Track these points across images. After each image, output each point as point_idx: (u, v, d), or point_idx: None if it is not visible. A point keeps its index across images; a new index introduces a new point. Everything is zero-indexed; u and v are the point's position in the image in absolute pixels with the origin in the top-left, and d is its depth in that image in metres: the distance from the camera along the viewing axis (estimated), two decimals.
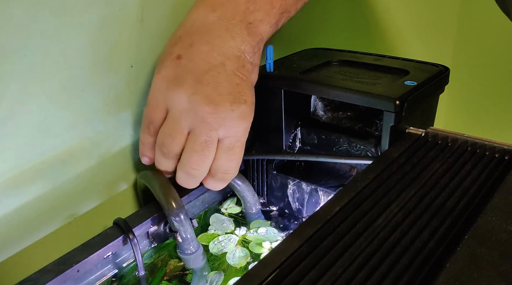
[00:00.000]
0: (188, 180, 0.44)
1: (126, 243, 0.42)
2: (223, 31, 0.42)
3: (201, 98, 0.40)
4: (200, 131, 0.41)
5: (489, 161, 0.41)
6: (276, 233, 0.50)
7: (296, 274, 0.29)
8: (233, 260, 0.47)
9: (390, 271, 0.29)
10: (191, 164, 0.42)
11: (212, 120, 0.40)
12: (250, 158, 0.55)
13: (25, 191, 0.42)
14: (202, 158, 0.42)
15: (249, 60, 0.43)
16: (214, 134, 0.41)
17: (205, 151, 0.41)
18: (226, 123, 0.41)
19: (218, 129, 0.41)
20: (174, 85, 0.41)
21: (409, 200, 0.36)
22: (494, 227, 0.32)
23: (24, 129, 0.40)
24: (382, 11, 0.91)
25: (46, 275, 0.37)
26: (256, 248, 0.48)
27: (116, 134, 0.48)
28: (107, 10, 0.43)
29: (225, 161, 0.43)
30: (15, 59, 0.38)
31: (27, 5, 0.37)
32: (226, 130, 0.41)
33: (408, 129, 0.46)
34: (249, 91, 0.43)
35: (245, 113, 0.42)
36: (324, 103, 0.56)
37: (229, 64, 0.41)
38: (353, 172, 0.54)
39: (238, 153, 0.43)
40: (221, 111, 0.40)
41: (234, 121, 0.41)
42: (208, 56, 0.41)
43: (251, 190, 0.52)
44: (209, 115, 0.40)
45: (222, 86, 0.41)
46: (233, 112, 0.41)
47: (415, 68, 0.51)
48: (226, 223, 0.52)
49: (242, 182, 0.51)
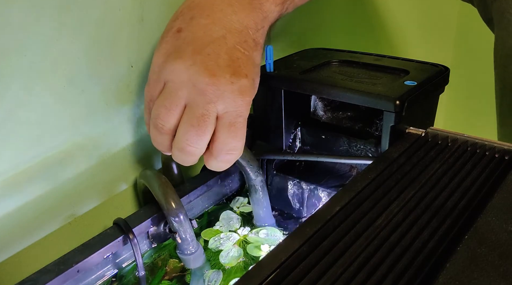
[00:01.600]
0: (184, 157, 0.40)
1: (126, 243, 0.42)
2: (225, 6, 0.41)
3: (200, 69, 0.38)
4: (197, 104, 0.38)
5: (489, 161, 0.41)
6: (278, 236, 0.50)
7: (296, 274, 0.29)
8: (225, 258, 0.47)
9: (390, 271, 0.29)
10: (187, 139, 0.39)
11: (210, 92, 0.38)
12: None
13: (25, 191, 0.42)
14: (199, 133, 0.39)
15: (251, 36, 0.41)
16: (212, 107, 0.38)
17: (202, 125, 0.38)
18: (225, 97, 0.38)
19: (216, 103, 0.38)
20: (173, 57, 0.39)
21: (409, 200, 0.36)
22: (494, 227, 0.32)
23: (24, 129, 0.40)
24: (382, 11, 0.91)
25: (46, 275, 0.37)
26: (254, 251, 0.48)
27: (116, 135, 0.48)
28: (107, 10, 0.43)
29: (227, 138, 0.39)
30: (15, 59, 0.38)
31: (27, 5, 0.37)
32: (225, 105, 0.39)
33: (408, 129, 0.46)
34: (250, 67, 0.40)
35: (245, 87, 0.39)
36: (324, 103, 0.56)
37: (230, 37, 0.40)
38: (353, 172, 0.54)
39: (241, 129, 0.40)
40: (221, 83, 0.38)
41: (233, 94, 0.39)
42: (209, 29, 0.40)
43: (263, 180, 0.51)
44: (207, 87, 0.38)
45: (222, 59, 0.39)
46: (232, 85, 0.39)
47: (415, 68, 0.51)
48: (233, 221, 0.52)
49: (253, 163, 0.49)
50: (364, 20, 0.88)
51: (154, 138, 0.41)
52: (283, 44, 0.69)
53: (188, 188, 0.50)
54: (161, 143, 0.41)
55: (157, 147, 0.42)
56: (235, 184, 0.56)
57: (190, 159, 0.41)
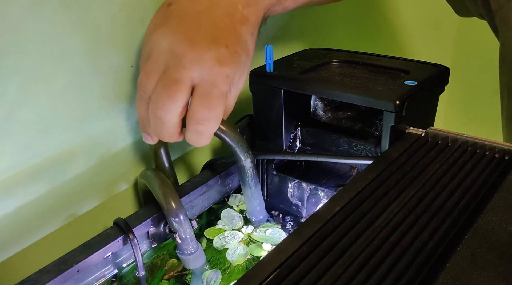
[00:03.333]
0: (157, 125, 0.40)
1: (126, 243, 0.42)
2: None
3: (180, 36, 0.38)
4: (172, 68, 0.38)
5: (489, 161, 0.41)
6: (282, 235, 0.50)
7: (296, 274, 0.29)
8: (232, 256, 0.47)
9: (390, 271, 0.29)
10: (157, 102, 0.38)
11: (187, 57, 0.37)
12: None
13: (25, 191, 0.42)
14: (169, 97, 0.38)
15: (240, 11, 0.40)
16: (186, 73, 0.38)
17: (173, 89, 0.37)
18: (202, 64, 0.38)
19: (191, 70, 0.38)
20: (159, 27, 0.39)
21: (409, 200, 0.36)
22: (494, 227, 0.32)
23: (24, 129, 0.40)
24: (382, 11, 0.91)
25: (46, 275, 0.37)
26: (256, 251, 0.48)
27: (116, 135, 0.48)
28: (107, 9, 0.43)
29: (197, 107, 0.38)
30: (15, 59, 0.38)
31: (27, 5, 0.37)
32: (201, 72, 0.38)
33: (408, 129, 0.46)
34: (234, 39, 0.39)
35: (224, 57, 0.38)
36: (324, 103, 0.56)
37: (217, 9, 0.40)
38: (353, 172, 0.54)
39: (215, 101, 0.39)
40: (198, 49, 0.38)
41: (210, 62, 0.38)
42: (197, 2, 0.40)
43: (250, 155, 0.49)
44: (184, 53, 0.37)
45: (203, 28, 0.39)
46: (210, 52, 0.38)
47: (415, 68, 0.51)
48: (235, 219, 0.52)
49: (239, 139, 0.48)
50: (364, 20, 0.88)
51: (137, 107, 0.41)
52: (283, 44, 0.69)
53: (188, 188, 0.50)
54: (141, 112, 0.41)
55: (138, 114, 0.42)
56: (235, 183, 0.56)
57: (162, 127, 0.39)
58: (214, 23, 0.39)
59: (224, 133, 0.45)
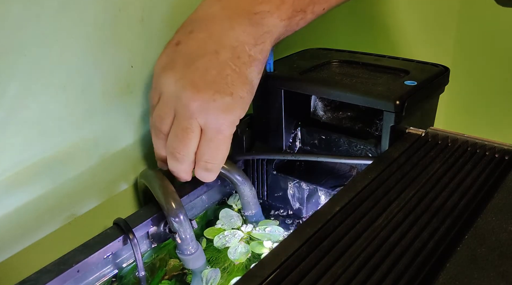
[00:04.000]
0: (173, 163, 0.44)
1: (126, 243, 0.42)
2: (224, 20, 0.41)
3: (186, 83, 0.40)
4: (181, 117, 0.41)
5: (489, 161, 0.41)
6: (281, 232, 0.50)
7: (296, 274, 0.29)
8: (234, 255, 0.47)
9: (390, 271, 0.29)
10: (174, 147, 0.42)
11: (193, 107, 0.40)
12: (250, 157, 0.55)
13: (25, 191, 0.42)
14: (183, 144, 0.41)
15: (247, 52, 0.41)
16: (194, 122, 0.40)
17: (185, 137, 0.41)
18: (208, 113, 0.40)
19: (198, 118, 0.40)
20: (167, 69, 0.41)
21: (409, 200, 0.36)
22: (494, 227, 0.32)
23: (24, 129, 0.40)
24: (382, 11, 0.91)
25: (46, 275, 0.37)
26: (257, 248, 0.48)
27: (116, 135, 0.48)
28: (107, 10, 0.43)
29: (206, 150, 0.42)
30: (15, 58, 0.38)
31: (27, 4, 0.37)
32: (207, 120, 0.40)
33: (408, 129, 0.46)
34: (240, 84, 0.41)
35: (229, 106, 0.40)
36: (324, 103, 0.56)
37: (223, 53, 0.40)
38: (353, 172, 0.54)
39: (220, 145, 0.42)
40: (203, 100, 0.39)
41: (215, 111, 0.40)
42: (204, 43, 0.40)
43: (253, 191, 0.52)
44: (190, 102, 0.40)
45: (209, 74, 0.40)
46: (215, 103, 0.40)
47: (415, 68, 0.51)
48: (234, 219, 0.52)
49: (242, 178, 0.51)
50: (364, 20, 0.88)
51: (153, 141, 0.45)
52: (283, 44, 0.69)
53: (188, 188, 0.50)
54: (158, 147, 0.45)
55: (155, 148, 0.46)
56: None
57: (179, 165, 0.44)
58: (221, 69, 0.40)
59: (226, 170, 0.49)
